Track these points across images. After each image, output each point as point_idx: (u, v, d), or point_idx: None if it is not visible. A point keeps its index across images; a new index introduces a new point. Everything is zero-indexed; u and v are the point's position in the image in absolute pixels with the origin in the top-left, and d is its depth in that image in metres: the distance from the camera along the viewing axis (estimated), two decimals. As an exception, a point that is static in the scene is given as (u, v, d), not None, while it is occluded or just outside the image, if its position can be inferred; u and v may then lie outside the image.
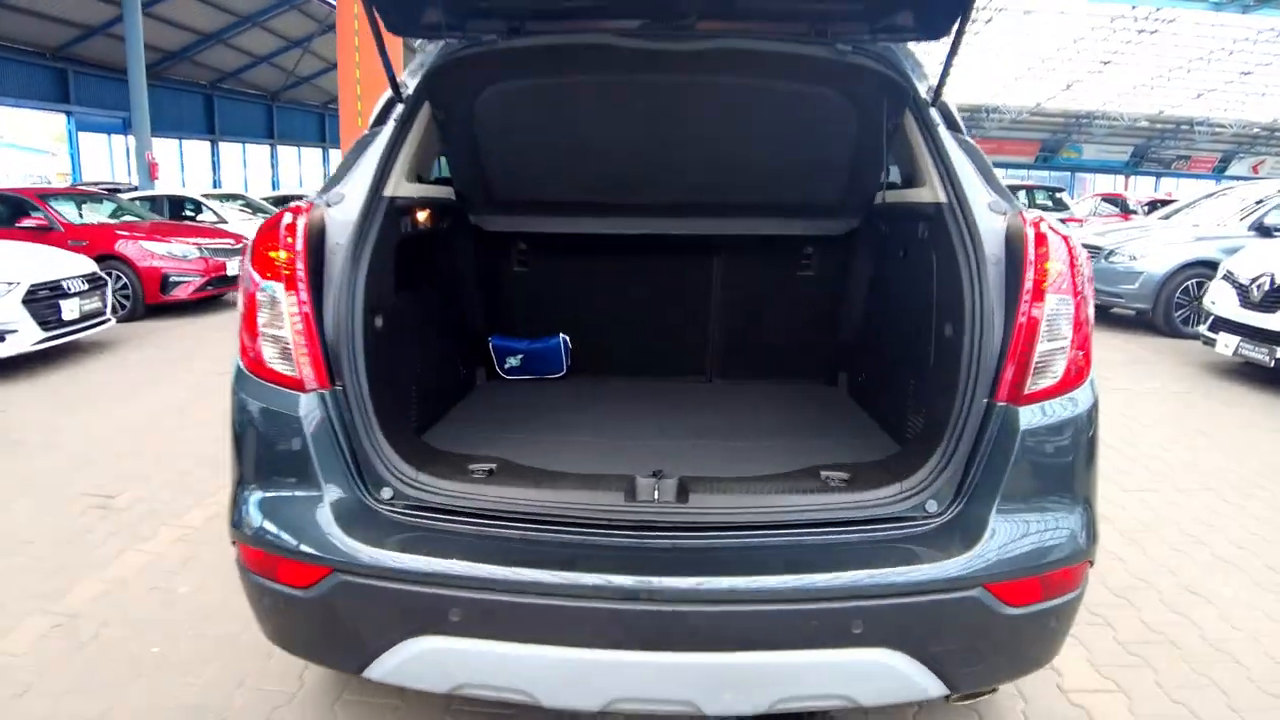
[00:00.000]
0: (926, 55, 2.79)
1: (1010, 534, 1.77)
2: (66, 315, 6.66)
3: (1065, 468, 1.84)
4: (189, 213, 13.15)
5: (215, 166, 30.81)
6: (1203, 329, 7.08)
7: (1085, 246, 4.77)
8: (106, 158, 26.53)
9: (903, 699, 1.79)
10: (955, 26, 2.17)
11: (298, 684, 2.48)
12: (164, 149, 24.80)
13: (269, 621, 1.90)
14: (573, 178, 2.97)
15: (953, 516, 1.84)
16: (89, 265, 7.29)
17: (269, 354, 1.88)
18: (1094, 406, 1.85)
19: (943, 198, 2.19)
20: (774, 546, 1.80)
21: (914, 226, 2.51)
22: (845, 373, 3.46)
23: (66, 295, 6.69)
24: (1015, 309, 1.85)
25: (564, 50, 2.42)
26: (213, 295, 9.89)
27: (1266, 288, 6.39)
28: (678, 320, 3.59)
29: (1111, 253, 9.08)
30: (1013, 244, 1.93)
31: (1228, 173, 41.11)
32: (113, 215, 10.49)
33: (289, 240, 1.89)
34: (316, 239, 1.98)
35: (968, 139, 2.28)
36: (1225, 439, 5.18)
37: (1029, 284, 1.83)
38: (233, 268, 9.70)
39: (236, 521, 1.86)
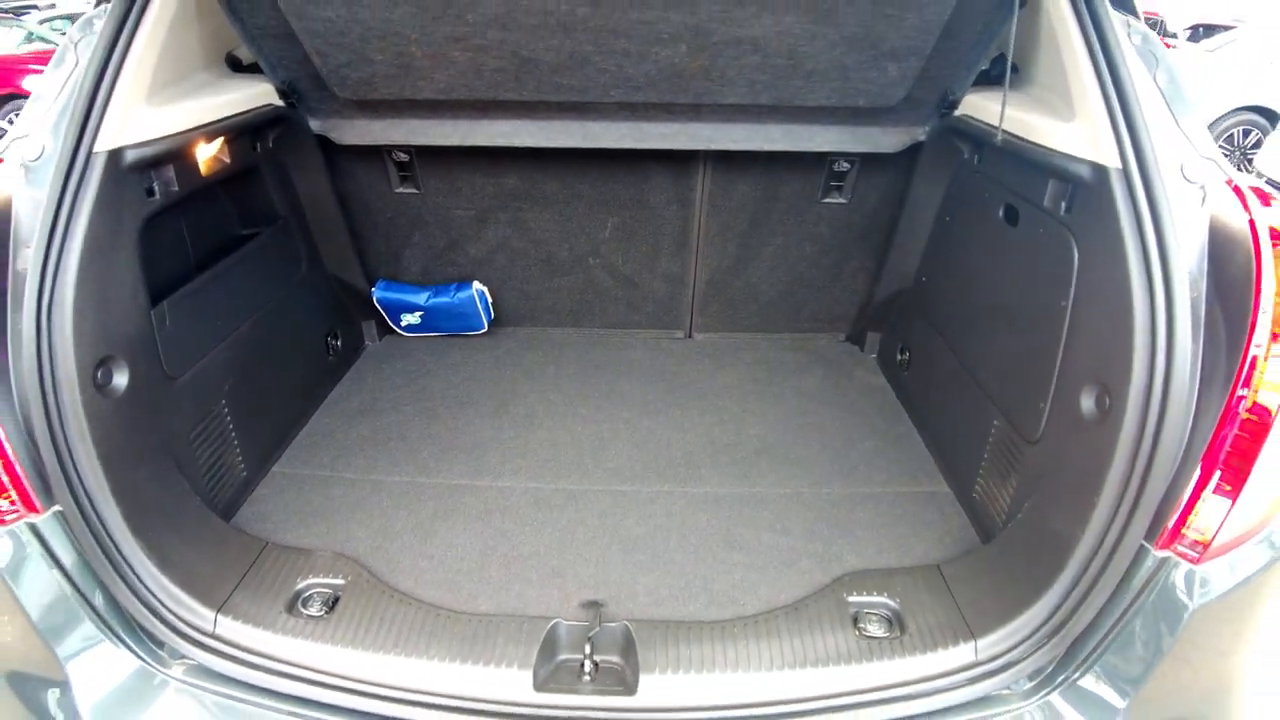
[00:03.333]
0: None
1: None
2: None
3: (1235, 659, 1.35)
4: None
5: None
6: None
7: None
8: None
9: None
10: None
11: None
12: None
13: None
14: (468, 61, 1.89)
15: (1041, 701, 1.36)
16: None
17: None
18: None
19: (1107, 156, 1.34)
20: None
21: (1034, 183, 1.70)
22: (881, 336, 2.70)
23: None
24: (1226, 385, 1.21)
25: None
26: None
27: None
28: (644, 257, 2.69)
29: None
30: (1224, 252, 1.24)
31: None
32: (24, 44, 9.03)
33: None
34: None
35: (1143, 26, 1.46)
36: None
37: (1260, 340, 1.19)
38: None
39: None
